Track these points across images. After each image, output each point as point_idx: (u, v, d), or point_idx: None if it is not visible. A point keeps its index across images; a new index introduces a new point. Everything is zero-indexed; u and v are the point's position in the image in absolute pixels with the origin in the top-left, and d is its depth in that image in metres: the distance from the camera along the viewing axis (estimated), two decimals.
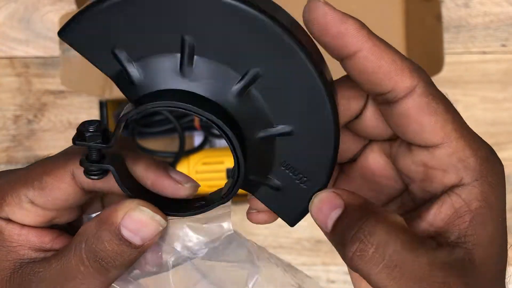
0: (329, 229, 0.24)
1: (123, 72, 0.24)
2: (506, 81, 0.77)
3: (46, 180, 0.27)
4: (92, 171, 0.25)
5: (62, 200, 0.27)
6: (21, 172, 0.28)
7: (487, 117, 0.78)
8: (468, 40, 0.77)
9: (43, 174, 0.27)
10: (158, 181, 0.27)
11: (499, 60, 0.77)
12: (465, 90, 0.78)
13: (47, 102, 0.79)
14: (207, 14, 0.21)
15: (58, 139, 0.79)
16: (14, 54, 0.78)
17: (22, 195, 0.27)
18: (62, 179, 0.27)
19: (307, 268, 0.79)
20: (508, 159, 0.78)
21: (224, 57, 0.22)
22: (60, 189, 0.27)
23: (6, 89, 0.79)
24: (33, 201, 0.27)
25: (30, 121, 0.79)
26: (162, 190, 0.27)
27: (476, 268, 0.23)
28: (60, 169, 0.27)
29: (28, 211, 0.27)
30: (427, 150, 0.25)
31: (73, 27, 0.23)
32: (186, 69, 0.23)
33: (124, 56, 0.24)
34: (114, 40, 0.23)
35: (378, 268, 0.22)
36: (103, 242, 0.25)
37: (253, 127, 0.24)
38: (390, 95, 0.24)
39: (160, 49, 0.23)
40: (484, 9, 0.77)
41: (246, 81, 0.23)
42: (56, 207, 0.27)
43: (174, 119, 0.71)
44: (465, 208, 0.23)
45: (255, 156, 0.25)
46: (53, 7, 0.78)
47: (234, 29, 0.21)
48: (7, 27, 0.78)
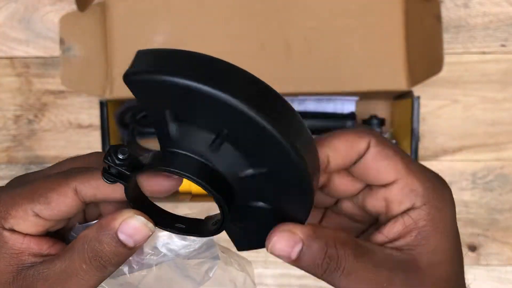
0: (294, 259, 0.31)
1: (164, 127, 0.28)
2: (506, 81, 0.77)
3: (52, 196, 0.31)
4: (110, 181, 0.30)
5: (65, 212, 0.32)
6: (26, 187, 0.32)
7: (486, 117, 0.78)
8: (467, 40, 0.77)
9: (48, 190, 0.31)
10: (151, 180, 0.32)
11: (498, 60, 0.77)
12: (464, 90, 0.78)
13: (47, 102, 0.79)
14: (238, 118, 0.26)
15: (58, 139, 0.79)
16: (14, 54, 0.79)
17: (28, 209, 0.31)
18: (66, 195, 0.31)
19: None
20: (508, 159, 0.78)
21: (244, 149, 0.28)
22: (65, 203, 0.31)
23: (7, 89, 0.79)
24: (38, 214, 0.31)
25: (31, 121, 0.79)
26: (155, 186, 0.32)
27: (421, 270, 0.30)
28: (64, 186, 0.31)
29: (31, 222, 0.31)
30: (385, 188, 0.32)
31: (139, 81, 0.26)
32: (214, 147, 0.28)
33: (172, 116, 0.28)
34: (169, 104, 0.27)
35: (341, 278, 0.30)
36: (103, 244, 0.30)
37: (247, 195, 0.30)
38: (355, 159, 0.32)
39: (202, 126, 0.28)
40: (483, 9, 0.77)
41: (253, 174, 0.28)
42: (58, 218, 0.32)
43: None
44: (413, 225, 0.31)
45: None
46: (53, 7, 0.78)
47: (252, 133, 0.26)
48: (7, 27, 0.78)
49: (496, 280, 0.78)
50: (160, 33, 0.70)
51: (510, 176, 0.78)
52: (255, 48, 0.69)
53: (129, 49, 0.69)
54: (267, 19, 0.69)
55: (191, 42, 0.69)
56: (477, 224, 0.79)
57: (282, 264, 0.87)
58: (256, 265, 0.80)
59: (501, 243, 0.79)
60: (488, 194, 0.78)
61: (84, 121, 0.79)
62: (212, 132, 0.28)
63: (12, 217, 0.31)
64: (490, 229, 0.79)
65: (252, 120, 0.25)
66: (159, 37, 0.69)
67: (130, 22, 0.70)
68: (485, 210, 0.78)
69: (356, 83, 0.69)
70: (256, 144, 0.27)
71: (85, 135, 0.79)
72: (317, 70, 0.69)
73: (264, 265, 0.79)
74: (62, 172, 0.32)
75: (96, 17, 0.69)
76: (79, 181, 0.31)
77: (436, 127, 0.78)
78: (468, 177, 0.79)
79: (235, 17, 0.69)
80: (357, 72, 0.69)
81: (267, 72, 0.69)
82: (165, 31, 0.70)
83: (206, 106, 0.26)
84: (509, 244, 0.79)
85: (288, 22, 0.69)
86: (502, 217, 0.79)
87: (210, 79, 0.25)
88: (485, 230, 0.79)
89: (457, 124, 0.78)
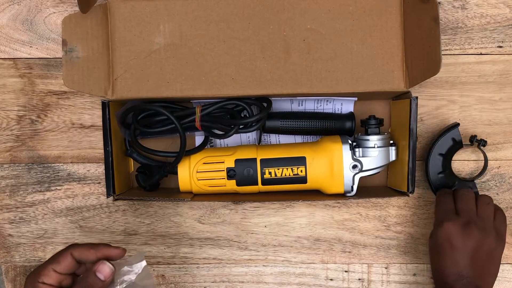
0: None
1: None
2: (503, 82, 0.78)
3: (60, 259, 0.61)
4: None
5: (68, 268, 0.61)
6: (46, 261, 0.62)
7: (483, 118, 0.78)
8: (465, 42, 0.78)
9: (58, 256, 0.61)
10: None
11: (495, 61, 0.78)
12: (462, 91, 0.78)
13: (50, 102, 0.79)
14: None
15: (61, 139, 0.80)
16: (17, 55, 0.79)
17: (50, 269, 0.60)
18: (67, 257, 0.61)
19: (306, 266, 0.80)
20: (505, 159, 0.79)
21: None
22: (66, 261, 0.61)
23: (10, 89, 0.79)
24: (55, 270, 0.61)
25: (34, 121, 0.80)
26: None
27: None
28: (64, 253, 0.62)
29: (51, 276, 0.60)
30: None
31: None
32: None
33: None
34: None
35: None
36: (89, 280, 0.61)
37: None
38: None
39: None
40: (480, 10, 0.78)
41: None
42: (65, 272, 0.61)
43: (175, 119, 0.72)
44: None
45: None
46: (56, 9, 0.79)
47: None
48: (11, 28, 0.79)
49: None
50: (161, 34, 0.70)
51: (507, 175, 0.79)
52: (254, 50, 0.70)
53: (130, 50, 0.70)
54: (267, 21, 0.70)
55: (192, 44, 0.70)
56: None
57: (281, 262, 0.88)
58: (255, 263, 0.80)
59: None
60: (485, 193, 0.79)
61: (87, 122, 0.80)
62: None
63: (42, 274, 0.60)
64: None
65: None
66: (160, 39, 0.70)
67: (131, 24, 0.70)
68: None
69: (355, 83, 0.70)
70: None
71: (87, 135, 0.80)
72: (316, 71, 0.70)
73: (264, 264, 0.80)
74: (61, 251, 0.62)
75: (98, 18, 0.70)
76: (72, 249, 0.62)
77: (434, 127, 0.79)
78: (465, 176, 0.79)
79: (235, 19, 0.70)
80: (356, 73, 0.70)
81: (267, 73, 0.70)
82: (166, 33, 0.70)
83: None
84: (506, 242, 0.79)
85: (287, 23, 0.70)
86: None
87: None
88: None
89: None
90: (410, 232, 0.80)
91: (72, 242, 0.67)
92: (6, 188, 0.80)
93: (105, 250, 0.62)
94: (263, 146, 0.75)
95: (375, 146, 0.72)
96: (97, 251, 0.62)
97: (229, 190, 0.74)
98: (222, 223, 0.80)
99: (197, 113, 0.72)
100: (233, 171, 0.72)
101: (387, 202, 0.80)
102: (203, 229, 0.81)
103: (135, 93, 0.71)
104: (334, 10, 0.70)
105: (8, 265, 0.81)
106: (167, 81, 0.70)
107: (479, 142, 0.76)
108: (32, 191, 0.80)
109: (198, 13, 0.70)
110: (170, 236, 0.81)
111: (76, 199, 0.80)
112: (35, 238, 0.81)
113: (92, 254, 0.61)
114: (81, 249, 0.61)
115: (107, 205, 0.80)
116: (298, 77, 0.70)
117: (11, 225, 0.81)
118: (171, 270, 0.81)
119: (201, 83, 0.70)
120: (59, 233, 0.80)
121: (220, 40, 0.70)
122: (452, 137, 0.76)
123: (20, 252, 0.81)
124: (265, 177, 0.72)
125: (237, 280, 0.81)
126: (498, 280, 0.71)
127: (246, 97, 0.72)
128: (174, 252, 0.81)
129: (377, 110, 0.79)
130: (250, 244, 0.80)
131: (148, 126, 0.74)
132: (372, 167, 0.72)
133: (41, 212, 0.80)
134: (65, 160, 0.80)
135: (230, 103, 0.73)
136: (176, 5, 0.70)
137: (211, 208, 0.80)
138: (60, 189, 0.80)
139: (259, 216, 0.80)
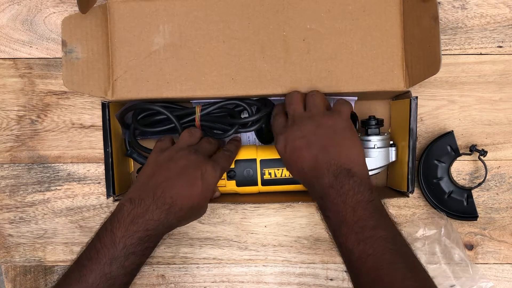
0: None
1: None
2: (502, 82, 0.78)
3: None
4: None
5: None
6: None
7: (483, 118, 0.78)
8: (464, 42, 0.78)
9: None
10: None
11: (495, 61, 0.78)
12: (461, 91, 0.78)
13: (50, 102, 0.79)
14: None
15: (61, 139, 0.80)
16: (17, 55, 0.79)
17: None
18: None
19: (306, 266, 0.80)
20: (505, 159, 0.79)
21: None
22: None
23: (10, 89, 0.79)
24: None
25: (33, 121, 0.80)
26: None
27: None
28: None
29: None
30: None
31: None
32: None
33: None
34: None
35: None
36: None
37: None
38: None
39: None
40: (480, 10, 0.78)
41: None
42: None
43: (175, 119, 0.72)
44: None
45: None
46: (56, 9, 0.79)
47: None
48: (11, 28, 0.79)
49: (493, 279, 0.78)
50: (160, 35, 0.70)
51: (507, 175, 0.79)
52: (254, 50, 0.70)
53: (130, 51, 0.70)
54: (266, 21, 0.70)
55: (191, 44, 0.70)
56: (474, 223, 0.79)
57: (281, 262, 0.88)
58: (255, 263, 0.80)
59: (498, 242, 0.79)
60: (485, 193, 0.79)
61: (86, 122, 0.80)
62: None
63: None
64: (487, 228, 0.79)
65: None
66: (159, 39, 0.70)
67: (131, 25, 0.70)
68: (482, 209, 0.79)
69: (355, 83, 0.70)
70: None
71: (87, 135, 0.80)
72: (316, 70, 0.70)
73: (264, 264, 0.80)
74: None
75: (98, 19, 0.70)
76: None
77: (434, 127, 0.79)
78: (465, 176, 0.79)
79: (235, 19, 0.70)
80: (356, 73, 0.70)
81: (267, 73, 0.70)
82: (165, 33, 0.70)
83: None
84: (506, 242, 0.79)
85: (287, 23, 0.70)
86: (499, 216, 0.79)
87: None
88: (482, 229, 0.79)
89: (454, 124, 0.78)
90: (409, 232, 0.80)
91: (72, 242, 0.66)
92: (6, 188, 0.80)
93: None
94: (263, 147, 0.75)
95: (375, 146, 0.72)
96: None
97: (229, 190, 0.74)
98: (222, 223, 0.81)
99: (196, 113, 0.73)
100: (233, 171, 0.72)
101: (387, 202, 0.80)
102: (203, 229, 0.81)
103: (135, 93, 0.71)
104: (333, 9, 0.70)
105: (8, 265, 0.81)
106: (167, 81, 0.70)
107: (479, 152, 0.76)
108: (32, 191, 0.80)
109: (198, 13, 0.70)
110: (170, 236, 0.81)
111: (76, 199, 0.80)
112: (35, 238, 0.81)
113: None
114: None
115: (107, 205, 0.81)
116: (298, 77, 0.70)
117: (11, 225, 0.81)
118: (171, 270, 0.81)
119: (201, 83, 0.70)
120: (59, 233, 0.81)
121: (220, 40, 0.70)
122: (449, 144, 0.76)
123: (20, 252, 0.81)
124: (265, 177, 0.72)
125: (237, 280, 0.81)
126: (498, 280, 0.71)
127: (246, 97, 0.72)
128: (174, 252, 0.81)
129: (377, 110, 0.79)
130: (250, 244, 0.80)
131: (148, 126, 0.74)
132: (372, 168, 0.72)
133: (41, 212, 0.81)
134: (65, 160, 0.80)
135: (230, 103, 0.73)
136: (175, 6, 0.70)
137: (211, 208, 0.80)
138: (60, 189, 0.80)
139: (259, 216, 0.80)
